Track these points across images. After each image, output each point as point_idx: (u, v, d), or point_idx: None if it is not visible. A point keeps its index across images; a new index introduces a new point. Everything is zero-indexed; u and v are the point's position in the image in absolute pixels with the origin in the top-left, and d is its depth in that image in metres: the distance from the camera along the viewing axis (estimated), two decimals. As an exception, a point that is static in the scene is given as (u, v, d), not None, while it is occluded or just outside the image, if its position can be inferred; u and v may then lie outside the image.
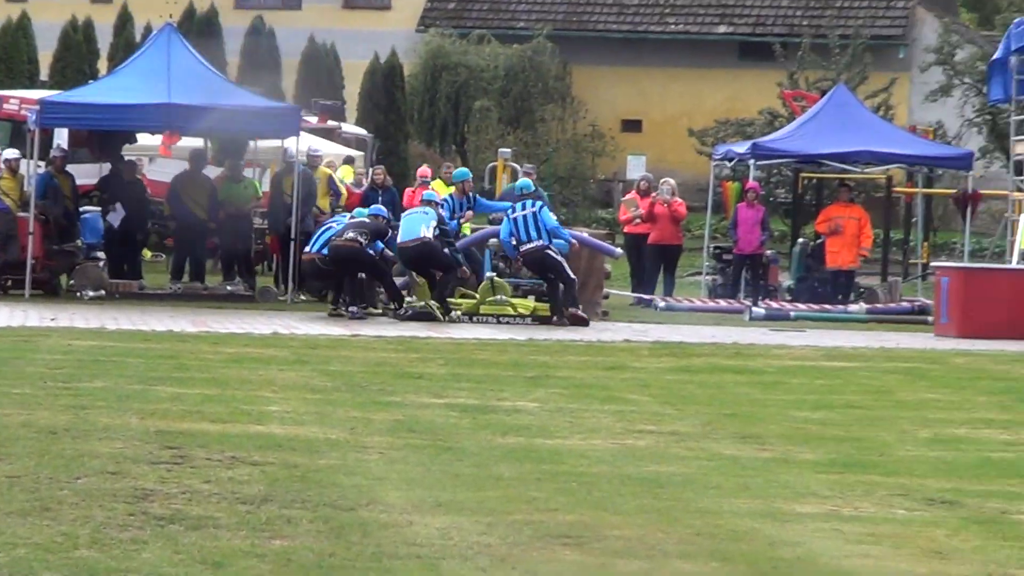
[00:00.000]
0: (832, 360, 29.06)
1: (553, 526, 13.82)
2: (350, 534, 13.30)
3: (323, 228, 35.21)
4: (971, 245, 43.40)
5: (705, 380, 25.38)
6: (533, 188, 37.48)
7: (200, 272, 39.50)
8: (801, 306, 39.19)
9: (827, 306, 39.00)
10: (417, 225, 34.93)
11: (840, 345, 32.06)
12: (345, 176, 42.48)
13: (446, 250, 35.57)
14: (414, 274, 36.74)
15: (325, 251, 34.71)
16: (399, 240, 35.51)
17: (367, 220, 35.67)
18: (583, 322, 35.06)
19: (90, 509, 13.76)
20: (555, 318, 35.18)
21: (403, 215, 36.48)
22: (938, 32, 64.66)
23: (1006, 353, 30.44)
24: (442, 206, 37.19)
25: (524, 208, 36.16)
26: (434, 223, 35.40)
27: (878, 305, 39.73)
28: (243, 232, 38.93)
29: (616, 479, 16.26)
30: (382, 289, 35.94)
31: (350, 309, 34.80)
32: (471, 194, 39.61)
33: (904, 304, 39.95)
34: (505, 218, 35.72)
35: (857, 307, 39.36)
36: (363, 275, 35.03)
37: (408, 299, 35.22)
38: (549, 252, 35.81)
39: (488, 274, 36.99)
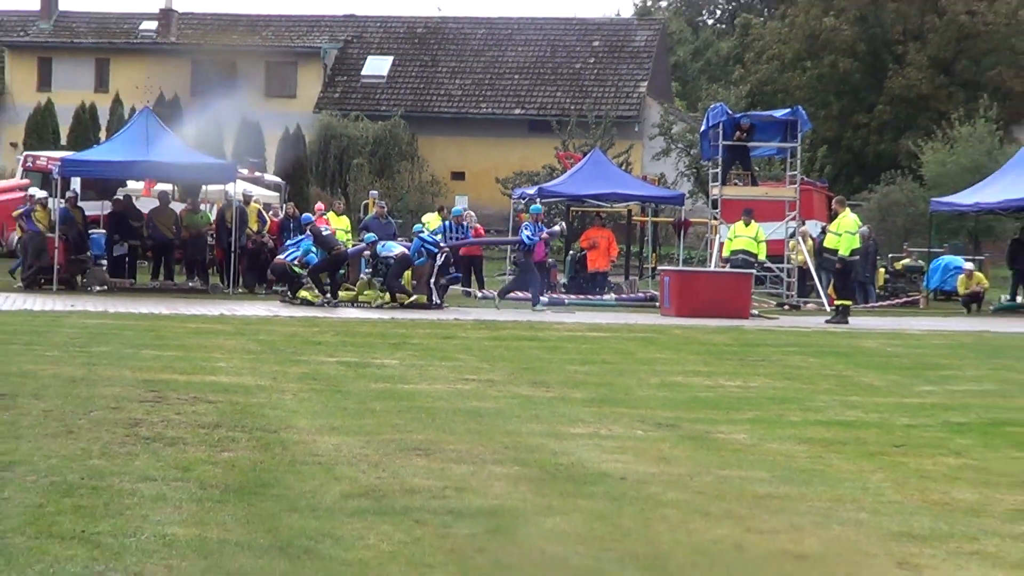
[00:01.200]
0: (593, 332, 29.13)
1: (409, 442, 13.92)
2: (274, 448, 13.40)
3: (290, 247, 35.13)
4: (684, 255, 43.68)
5: (509, 345, 25.39)
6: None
7: (170, 273, 39.34)
8: (572, 296, 39.23)
9: (589, 296, 39.09)
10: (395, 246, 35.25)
11: (598, 322, 32.14)
12: (431, 223, 42.30)
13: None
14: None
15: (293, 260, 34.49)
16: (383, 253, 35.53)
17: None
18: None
19: (99, 433, 13.76)
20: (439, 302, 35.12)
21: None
22: (660, 113, 64.93)
23: (707, 327, 30.61)
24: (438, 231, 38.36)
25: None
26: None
27: (623, 295, 39.88)
28: (200, 246, 38.86)
29: (451, 411, 16.30)
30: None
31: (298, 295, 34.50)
32: (464, 224, 39.81)
33: (640, 294, 40.04)
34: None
35: (609, 296, 39.47)
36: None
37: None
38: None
39: (364, 272, 37.14)
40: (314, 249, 34.62)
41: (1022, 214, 42.98)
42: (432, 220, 42.63)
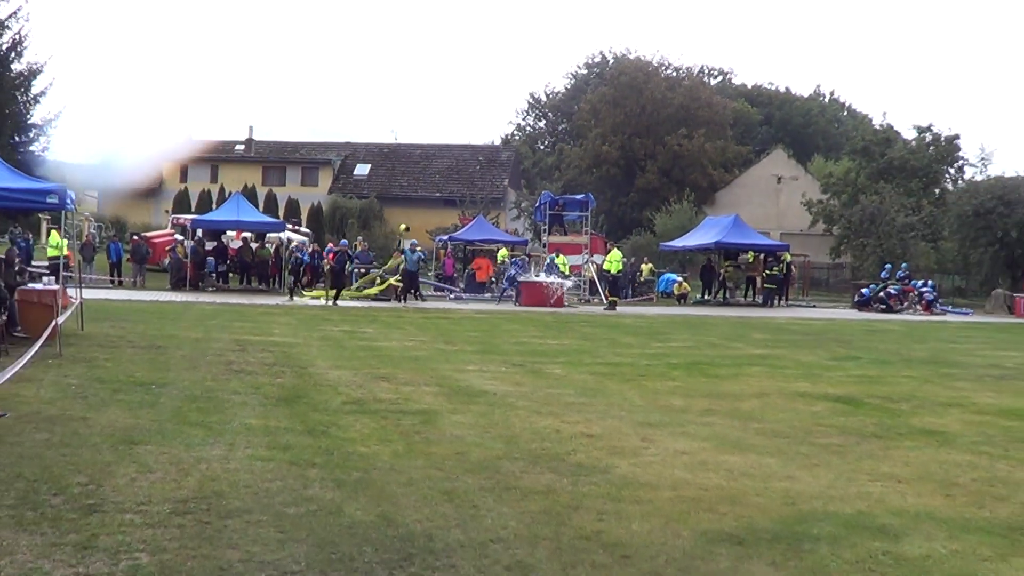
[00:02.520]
0: (479, 314, 29.07)
1: (378, 374, 13.88)
2: (305, 376, 13.31)
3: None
4: (531, 274, 43.76)
5: (434, 322, 25.23)
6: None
7: (249, 281, 38.77)
8: (468, 295, 39.17)
9: (477, 295, 38.97)
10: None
11: (483, 309, 32.07)
12: (503, 255, 41.67)
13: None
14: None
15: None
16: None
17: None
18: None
19: (211, 368, 13.63)
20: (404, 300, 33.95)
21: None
22: (515, 196, 64.94)
23: (541, 312, 30.69)
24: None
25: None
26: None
27: (495, 294, 39.78)
28: (265, 267, 38.45)
29: (401, 357, 16.20)
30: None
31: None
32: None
33: (509, 294, 39.96)
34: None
35: (491, 295, 39.39)
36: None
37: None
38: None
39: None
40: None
41: (706, 252, 43.56)
42: (503, 252, 42.25)
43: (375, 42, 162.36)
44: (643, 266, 45.14)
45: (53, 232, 23.96)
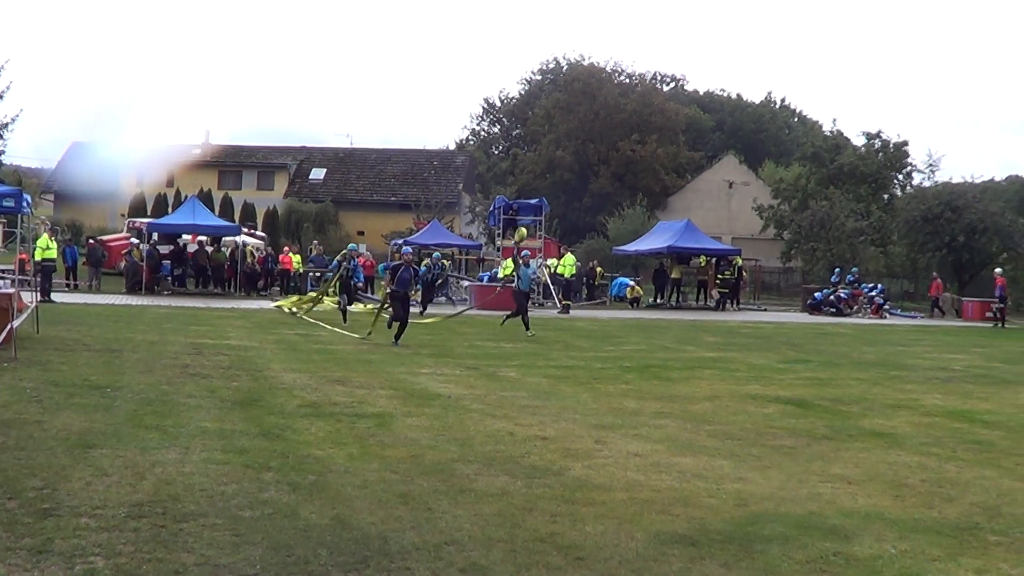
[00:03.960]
0: (432, 319, 29.03)
1: (333, 378, 13.86)
2: (261, 380, 13.24)
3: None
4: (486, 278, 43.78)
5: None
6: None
7: (205, 285, 38.38)
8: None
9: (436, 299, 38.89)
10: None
11: (435, 312, 32.00)
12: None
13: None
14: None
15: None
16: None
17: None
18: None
19: (166, 371, 13.52)
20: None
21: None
22: (469, 201, 64.89)
23: (493, 315, 30.67)
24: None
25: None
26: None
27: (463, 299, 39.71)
28: (221, 270, 38.09)
29: (356, 360, 16.18)
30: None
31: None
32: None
33: (465, 298, 39.87)
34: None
35: (444, 299, 39.20)
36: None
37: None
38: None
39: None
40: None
41: (658, 256, 43.74)
42: (550, 261, 41.62)
43: (330, 47, 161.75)
44: (596, 268, 45.34)
45: (44, 235, 24.16)
